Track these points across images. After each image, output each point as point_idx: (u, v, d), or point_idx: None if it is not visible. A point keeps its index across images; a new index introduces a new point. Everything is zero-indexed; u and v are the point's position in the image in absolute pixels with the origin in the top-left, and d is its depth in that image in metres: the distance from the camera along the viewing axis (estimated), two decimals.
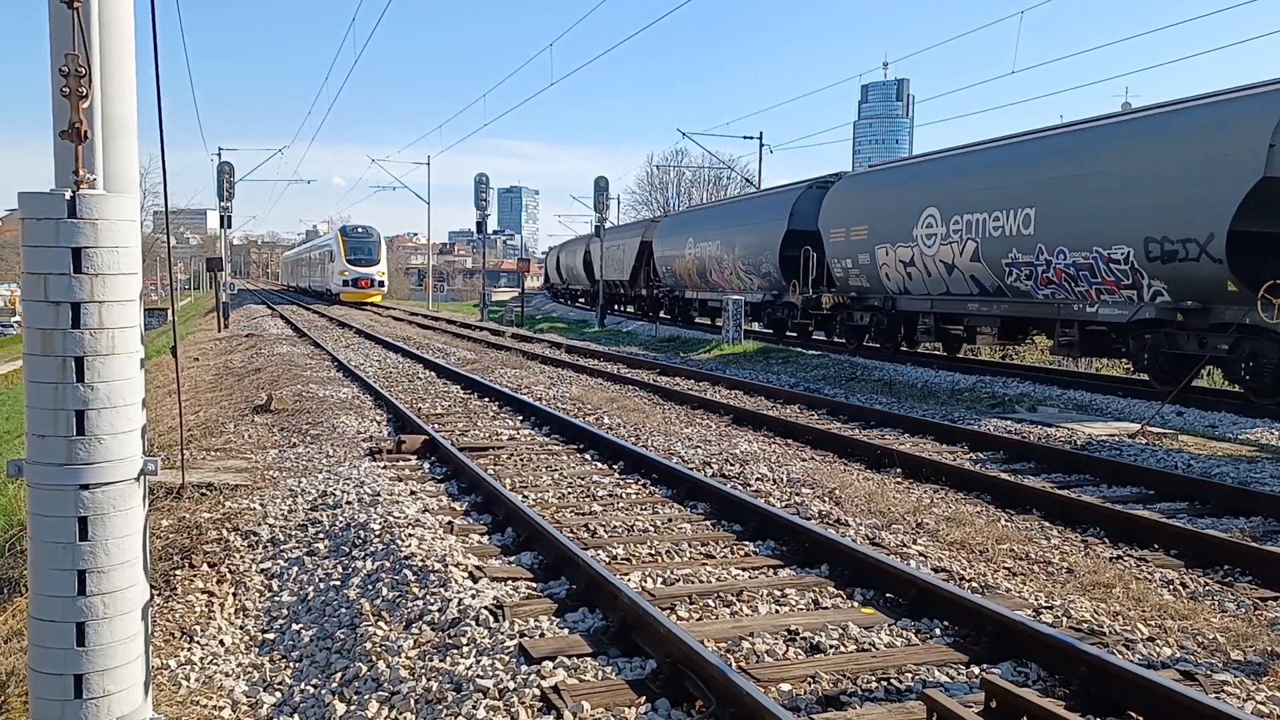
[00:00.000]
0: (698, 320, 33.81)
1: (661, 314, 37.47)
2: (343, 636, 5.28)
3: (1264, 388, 13.41)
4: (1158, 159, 14.15)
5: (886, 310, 21.50)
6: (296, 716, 4.59)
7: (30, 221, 3.39)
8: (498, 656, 4.59)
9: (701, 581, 5.83)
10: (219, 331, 31.89)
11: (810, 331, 25.71)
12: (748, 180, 54.04)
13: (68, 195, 3.38)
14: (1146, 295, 14.70)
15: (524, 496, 7.89)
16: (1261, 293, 12.55)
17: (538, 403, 13.22)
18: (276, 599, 6.06)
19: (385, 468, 9.12)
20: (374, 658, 4.87)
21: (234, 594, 6.20)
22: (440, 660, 4.65)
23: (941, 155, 20.43)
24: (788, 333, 25.85)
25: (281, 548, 6.88)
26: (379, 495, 7.78)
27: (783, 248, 25.39)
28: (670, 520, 7.29)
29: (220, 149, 48.55)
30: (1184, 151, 13.70)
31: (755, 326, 28.25)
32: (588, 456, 9.88)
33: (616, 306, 43.93)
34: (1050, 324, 17.23)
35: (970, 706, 3.98)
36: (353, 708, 4.47)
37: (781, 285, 25.90)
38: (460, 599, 5.33)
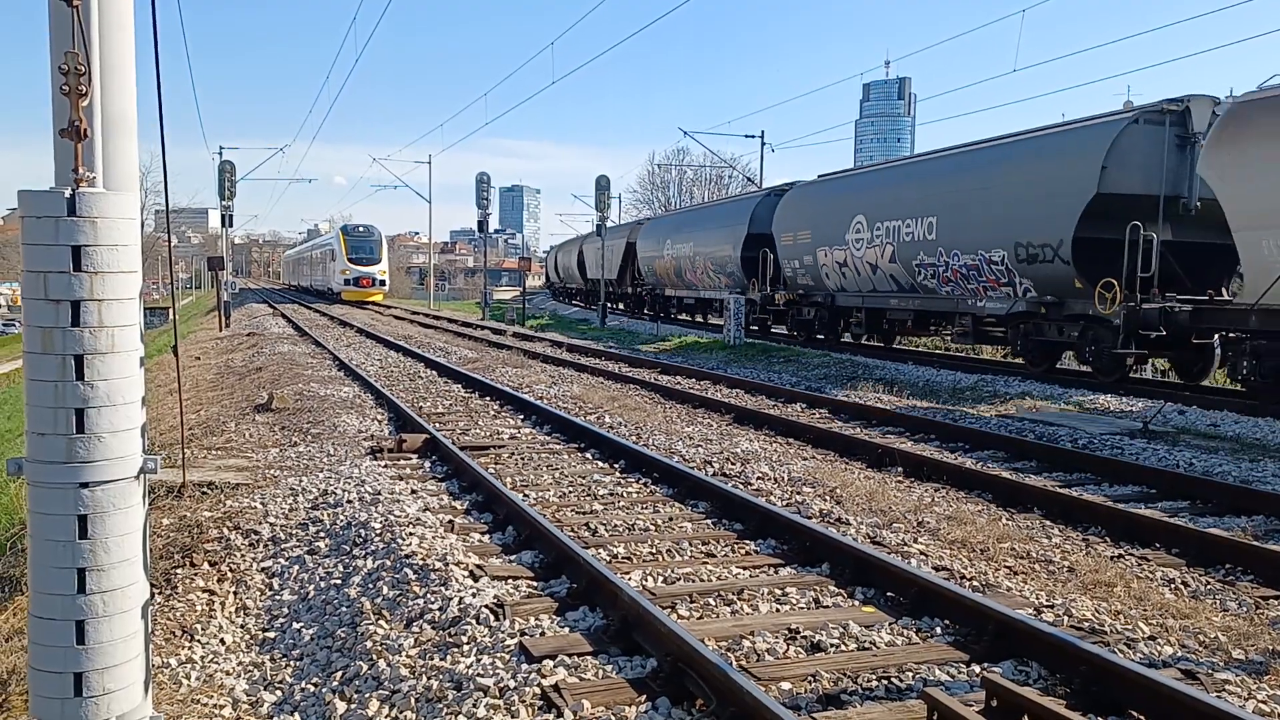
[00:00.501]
0: (677, 316, 36.19)
1: (645, 310, 39.72)
2: (343, 635, 5.28)
3: (1104, 368, 15.75)
4: (1022, 177, 16.94)
5: (828, 305, 24.06)
6: (297, 715, 4.59)
7: (30, 219, 3.39)
8: (498, 655, 4.59)
9: (702, 580, 5.82)
10: (220, 330, 31.91)
11: (769, 325, 27.93)
12: (749, 179, 54.03)
13: (67, 193, 3.38)
14: (1019, 292, 17.27)
15: (525, 495, 7.89)
16: (1098, 288, 15.06)
17: (539, 401, 13.22)
18: (277, 597, 6.06)
19: (386, 467, 9.12)
20: (374, 656, 4.87)
21: (235, 592, 6.20)
22: (441, 659, 4.65)
23: (869, 169, 23.99)
24: (750, 326, 27.77)
25: (282, 546, 6.88)
26: (380, 494, 7.78)
27: (744, 249, 27.83)
28: (671, 519, 7.29)
29: (221, 148, 48.64)
30: (1041, 171, 16.46)
31: (699, 318, 31.59)
32: (589, 455, 9.88)
33: (614, 305, 45.34)
34: (951, 316, 19.77)
35: (971, 705, 3.98)
36: (353, 706, 4.47)
37: (744, 284, 28.26)
38: (461, 598, 5.32)
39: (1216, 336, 15.00)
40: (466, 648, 4.73)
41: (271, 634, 5.58)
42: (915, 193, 20.07)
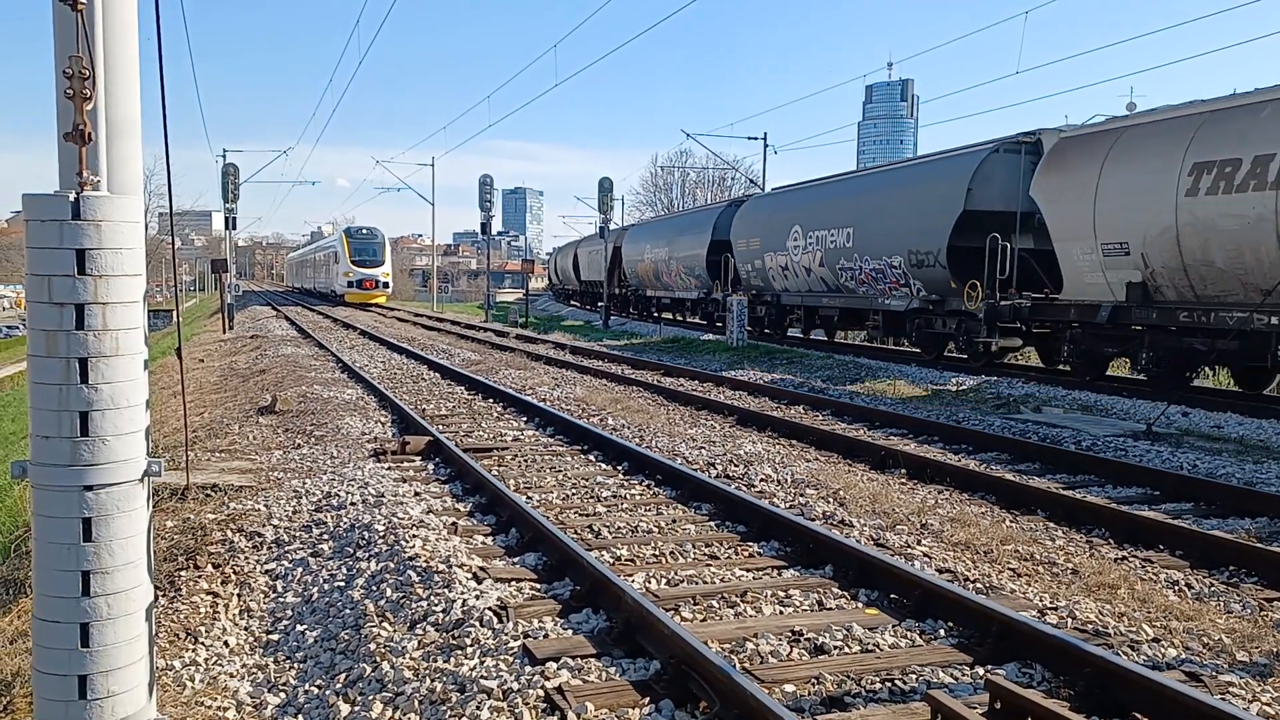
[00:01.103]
0: (659, 315, 39.66)
1: (629, 310, 43.29)
2: (347, 637, 5.29)
3: (975, 354, 19.04)
4: (911, 196, 20.42)
5: (775, 304, 27.42)
6: (301, 717, 4.59)
7: (34, 223, 3.40)
8: (502, 657, 4.59)
9: (705, 582, 5.82)
10: (224, 333, 31.95)
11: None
12: (752, 181, 54.01)
13: (71, 197, 3.38)
14: (914, 292, 20.43)
15: (528, 497, 7.89)
16: (965, 288, 18.39)
17: (542, 404, 13.23)
18: (281, 600, 6.06)
19: (389, 469, 9.13)
20: (378, 659, 4.87)
21: (238, 595, 6.20)
22: (444, 661, 4.65)
23: (805, 185, 27.43)
24: (714, 321, 32.10)
25: (286, 549, 6.89)
26: (383, 496, 7.78)
27: (709, 254, 31.60)
28: (674, 521, 7.29)
29: (225, 151, 48.60)
30: (924, 192, 20.00)
31: (696, 319, 35.20)
32: (592, 457, 9.89)
33: (590, 305, 49.30)
34: (867, 313, 23.09)
35: (975, 708, 3.97)
36: (357, 709, 4.47)
37: (710, 285, 31.99)
38: (464, 600, 5.33)
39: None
40: (470, 650, 4.74)
41: (275, 636, 5.59)
42: (837, 206, 23.53)
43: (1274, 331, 12.80)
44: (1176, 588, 6.06)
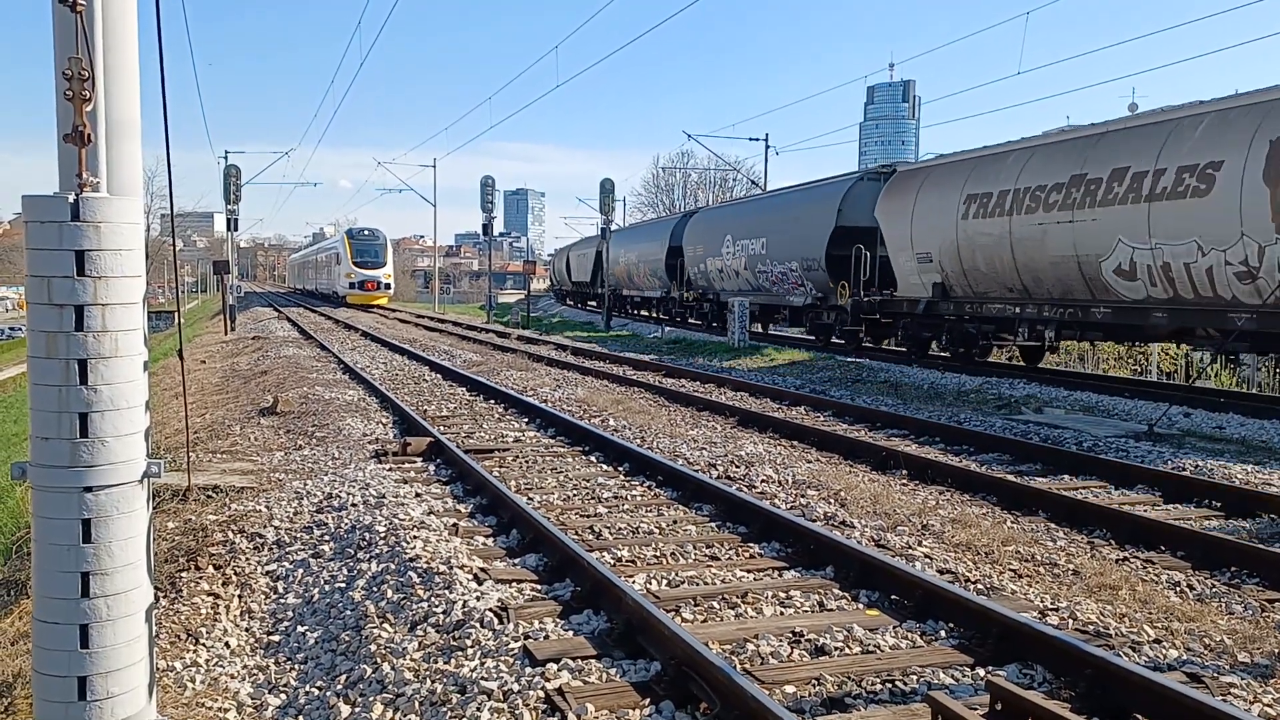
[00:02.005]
0: (635, 313, 44.54)
1: (611, 307, 47.13)
2: (348, 639, 5.29)
3: (847, 340, 23.68)
4: (801, 214, 25.65)
5: (714, 301, 32.49)
6: (301, 718, 4.59)
7: (34, 224, 3.40)
8: (502, 659, 4.59)
9: (706, 583, 5.82)
10: (225, 334, 31.97)
11: (687, 317, 36.54)
12: (754, 182, 54.01)
13: (71, 198, 3.38)
14: (808, 291, 25.45)
15: (529, 499, 7.89)
16: (837, 287, 23.52)
17: (543, 405, 13.22)
18: (282, 601, 6.06)
19: (391, 470, 9.13)
20: (379, 660, 4.87)
21: (239, 596, 6.20)
22: (445, 662, 4.65)
23: (737, 202, 36.58)
24: (674, 316, 37.56)
25: (287, 550, 6.89)
26: (384, 497, 7.78)
27: (667, 258, 37.00)
28: (675, 522, 7.29)
29: (227, 152, 48.65)
30: (809, 211, 25.16)
31: (659, 314, 40.17)
32: (593, 459, 9.88)
33: (584, 304, 53.71)
34: (779, 308, 28.18)
35: (975, 709, 3.97)
36: (357, 710, 4.47)
37: (669, 285, 37.54)
38: (465, 601, 5.33)
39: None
40: (470, 651, 4.73)
41: (276, 637, 5.59)
42: (756, 221, 28.74)
43: (1014, 317, 17.78)
44: (1178, 589, 6.05)
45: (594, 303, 51.40)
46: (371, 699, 4.48)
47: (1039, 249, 16.81)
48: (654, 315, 41.00)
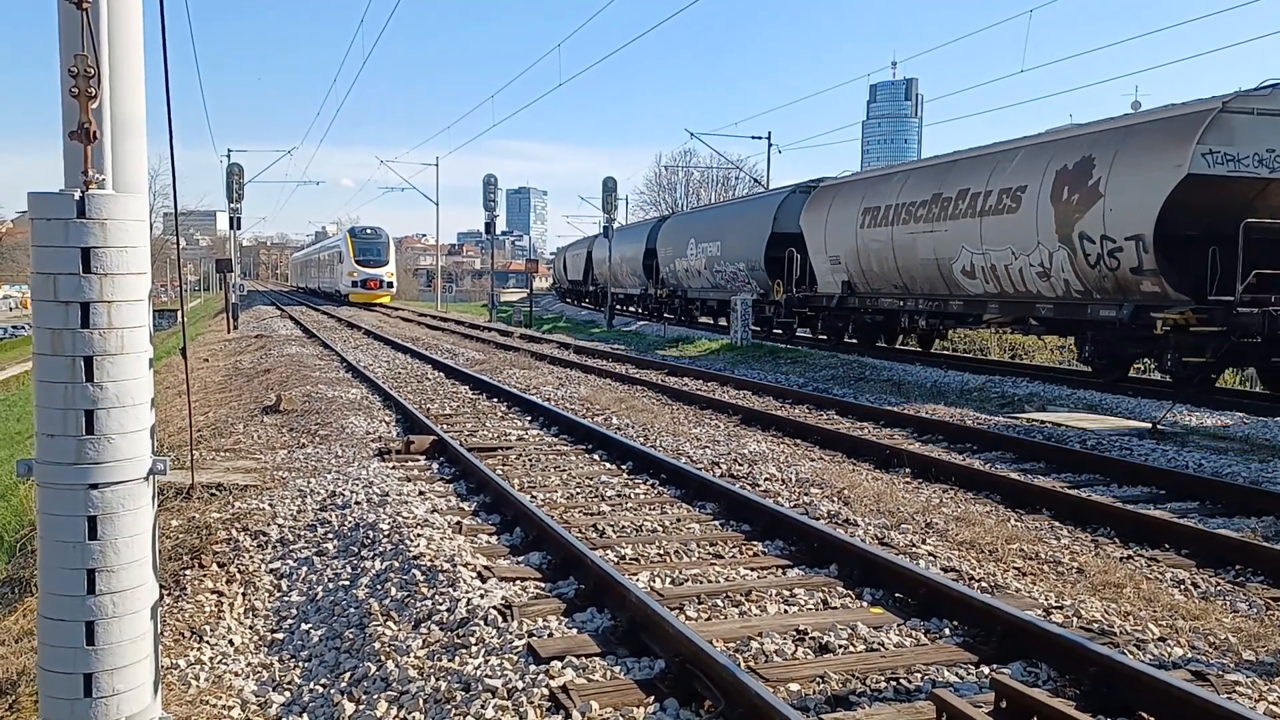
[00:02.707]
0: (623, 308, 47.31)
1: (595, 303, 51.03)
2: (351, 636, 5.29)
3: (784, 329, 27.56)
4: (745, 222, 30.23)
5: (682, 296, 37.08)
6: (305, 716, 4.59)
7: (40, 222, 3.41)
8: (506, 656, 4.59)
9: (710, 581, 5.82)
10: (228, 332, 31.99)
11: (662, 311, 40.35)
12: (756, 180, 53.98)
13: (77, 195, 3.39)
14: (754, 288, 29.00)
15: (532, 496, 7.89)
16: (774, 285, 27.55)
17: (546, 403, 13.23)
18: (286, 599, 6.07)
19: (394, 468, 9.13)
20: (383, 657, 4.88)
21: (243, 594, 6.21)
22: (449, 660, 4.65)
23: (698, 210, 41.48)
24: (650, 312, 41.68)
25: (291, 548, 6.90)
26: (388, 495, 7.79)
27: (644, 258, 41.03)
28: (679, 520, 7.29)
29: (230, 150, 48.71)
30: (750, 220, 29.76)
31: (636, 309, 44.70)
32: (596, 457, 9.88)
33: (580, 302, 56.70)
34: (632, 298, 38.02)
35: (980, 707, 3.97)
36: (362, 707, 4.47)
37: (646, 283, 41.81)
38: (469, 599, 5.33)
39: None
40: (474, 649, 4.73)
41: (280, 635, 5.59)
42: (713, 227, 33.17)
43: (899, 309, 21.86)
44: (1182, 587, 6.04)
45: (590, 301, 54.88)
46: (376, 696, 4.49)
47: (912, 254, 20.76)
48: (636, 310, 45.12)
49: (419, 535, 6.58)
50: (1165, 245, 14.59)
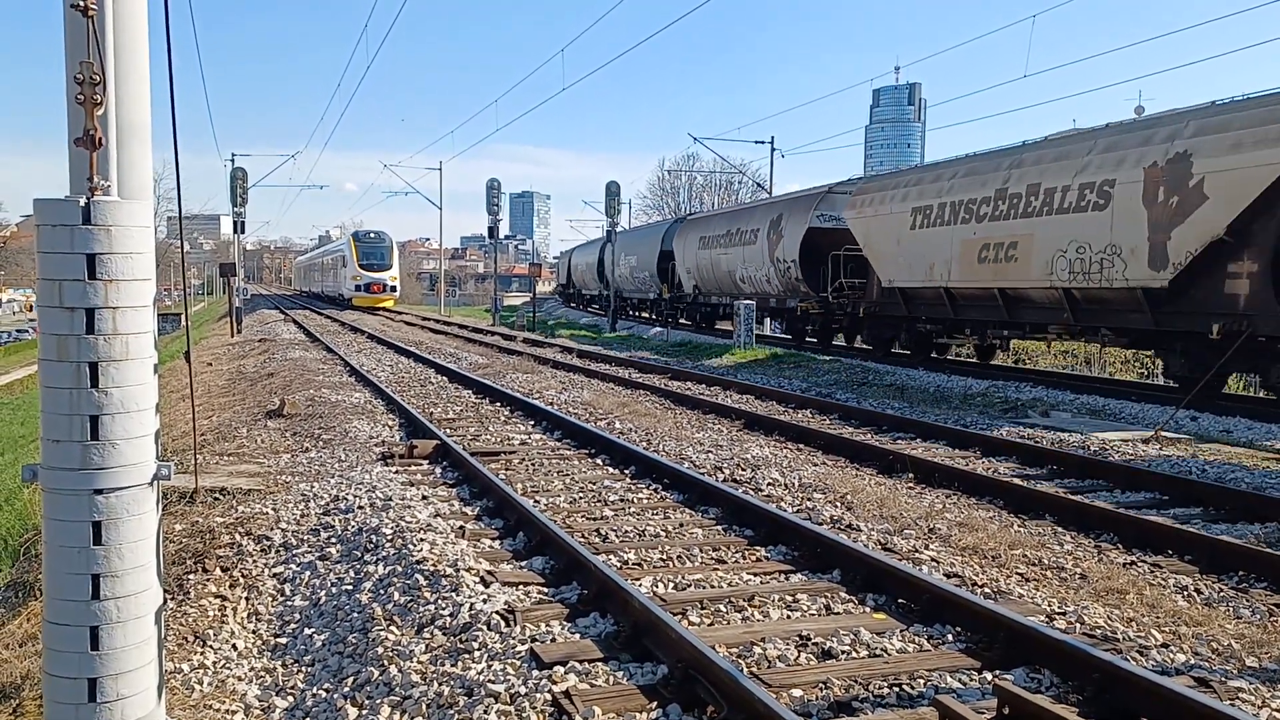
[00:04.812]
0: (583, 307, 57.52)
1: (603, 309, 56.01)
2: (355, 641, 5.30)
3: (675, 322, 36.60)
4: (650, 243, 41.40)
5: (620, 296, 44.12)
6: None
7: (45, 228, 3.42)
8: (509, 661, 4.60)
9: (713, 586, 5.82)
10: (232, 336, 32.03)
11: (677, 316, 43.93)
12: (759, 185, 54.00)
13: (82, 202, 3.40)
14: (659, 290, 38.94)
15: (535, 501, 7.89)
16: (663, 286, 38.75)
17: (549, 407, 13.23)
18: (289, 603, 6.07)
19: (397, 472, 9.14)
20: (386, 662, 4.88)
21: (247, 598, 6.22)
22: (452, 665, 4.66)
23: (631, 230, 50.61)
24: (661, 317, 45.72)
25: (294, 552, 6.91)
26: (391, 500, 7.80)
27: (598, 266, 49.32)
28: (681, 525, 7.29)
29: (234, 155, 48.88)
30: (651, 241, 41.59)
31: (649, 315, 49.21)
32: (599, 461, 9.89)
33: (585, 305, 61.16)
34: (644, 302, 44.13)
35: (983, 713, 3.97)
36: (365, 712, 4.48)
37: (599, 284, 49.90)
38: (472, 604, 5.33)
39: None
40: (477, 654, 4.74)
41: (283, 639, 5.60)
42: (634, 244, 43.38)
43: (722, 303, 31.44)
44: (1186, 593, 6.03)
45: (594, 305, 56.47)
46: (379, 701, 4.49)
47: (715, 268, 32.36)
48: (649, 316, 46.13)
49: (422, 540, 6.59)
50: None
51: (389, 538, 6.75)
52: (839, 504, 7.90)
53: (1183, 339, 14.82)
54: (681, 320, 38.89)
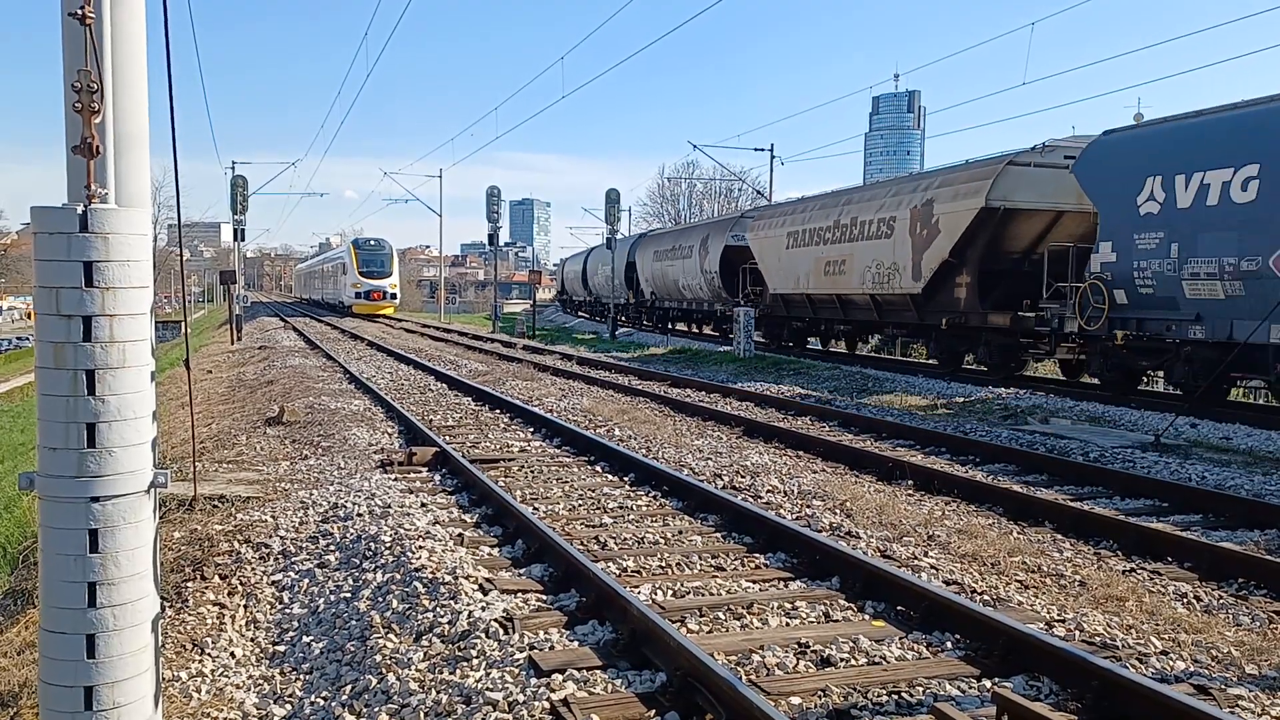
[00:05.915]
0: (579, 314, 60.07)
1: (592, 315, 58.39)
2: (353, 649, 5.29)
3: (643, 324, 44.11)
4: (616, 257, 43.00)
5: (599, 300, 49.63)
6: None
7: (43, 236, 3.42)
8: (507, 669, 4.59)
9: (712, 594, 5.81)
10: (232, 344, 32.03)
11: (641, 320, 47.49)
12: (759, 192, 54.03)
13: (79, 210, 3.40)
14: (626, 296, 44.96)
15: (534, 508, 7.89)
16: (630, 292, 44.96)
17: (549, 415, 13.23)
18: (287, 611, 6.06)
19: (396, 480, 9.14)
20: (384, 670, 4.87)
21: (245, 606, 6.21)
22: (450, 673, 4.65)
23: (598, 247, 53.95)
24: (630, 320, 49.82)
25: (293, 560, 6.90)
26: (390, 507, 7.79)
27: (583, 275, 53.71)
28: (681, 532, 7.28)
29: (234, 163, 48.92)
30: (620, 254, 43.54)
31: (583, 313, 58.00)
32: (598, 468, 9.88)
33: (579, 312, 63.90)
34: (606, 306, 45.28)
35: None
36: None
37: (585, 292, 54.28)
38: (470, 611, 5.32)
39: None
40: (476, 661, 4.73)
41: (281, 647, 5.59)
42: (608, 256, 43.86)
43: (672, 307, 38.82)
44: (1185, 600, 6.03)
45: (582, 311, 61.65)
46: (377, 709, 4.48)
47: (665, 278, 37.53)
48: (622, 319, 52.22)
49: (421, 547, 6.58)
50: None
51: (388, 545, 6.74)
52: (838, 511, 7.89)
53: (934, 330, 21.00)
54: (644, 322, 44.98)
